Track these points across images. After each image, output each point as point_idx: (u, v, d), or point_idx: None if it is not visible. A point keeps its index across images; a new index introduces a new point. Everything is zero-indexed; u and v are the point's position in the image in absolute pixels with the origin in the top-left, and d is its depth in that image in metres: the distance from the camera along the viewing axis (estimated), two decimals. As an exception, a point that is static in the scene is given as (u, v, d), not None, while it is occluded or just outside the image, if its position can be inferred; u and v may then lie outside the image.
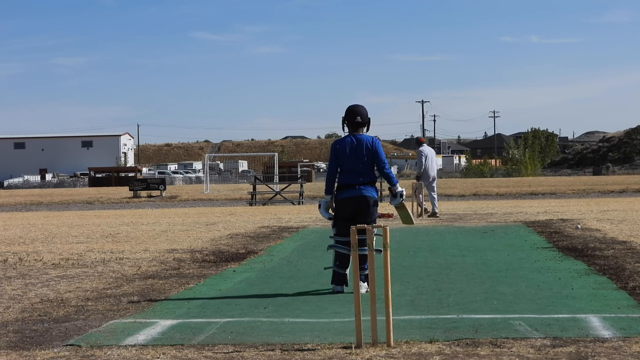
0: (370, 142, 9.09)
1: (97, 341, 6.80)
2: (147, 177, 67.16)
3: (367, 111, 9.22)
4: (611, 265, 10.74)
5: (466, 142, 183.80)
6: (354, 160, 9.06)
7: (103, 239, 16.82)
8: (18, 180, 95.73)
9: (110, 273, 11.25)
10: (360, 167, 9.05)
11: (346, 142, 9.12)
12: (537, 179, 66.47)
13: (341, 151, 9.11)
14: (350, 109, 9.20)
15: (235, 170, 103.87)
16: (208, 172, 56.38)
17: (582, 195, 39.42)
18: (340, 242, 9.06)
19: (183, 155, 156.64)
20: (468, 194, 42.61)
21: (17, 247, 15.45)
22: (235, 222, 21.45)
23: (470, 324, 7.13)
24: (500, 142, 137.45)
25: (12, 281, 10.67)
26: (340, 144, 9.15)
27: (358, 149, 9.06)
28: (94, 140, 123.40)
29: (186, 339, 6.81)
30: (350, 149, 9.08)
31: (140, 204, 41.41)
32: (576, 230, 16.02)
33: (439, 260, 11.97)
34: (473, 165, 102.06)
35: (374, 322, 6.50)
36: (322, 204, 9.20)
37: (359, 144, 9.08)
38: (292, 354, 6.16)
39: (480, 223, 18.98)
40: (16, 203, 45.36)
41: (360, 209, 9.04)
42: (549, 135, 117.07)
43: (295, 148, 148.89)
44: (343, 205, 9.08)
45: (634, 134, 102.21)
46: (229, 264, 12.08)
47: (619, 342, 6.31)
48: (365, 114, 9.18)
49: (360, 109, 9.19)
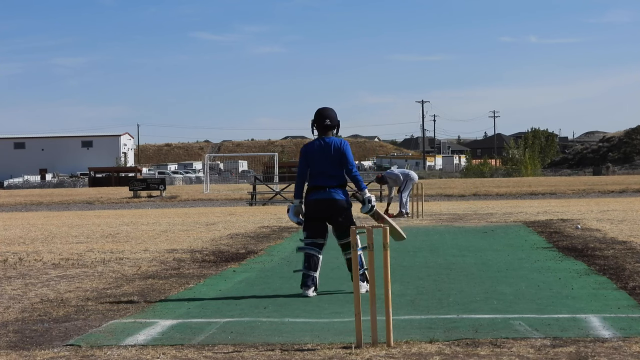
0: (338, 144, 9.08)
1: (97, 341, 6.80)
2: (147, 177, 67.14)
3: (336, 114, 9.22)
4: (611, 265, 10.74)
5: (466, 142, 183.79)
6: (323, 162, 9.04)
7: (103, 239, 16.83)
8: (18, 180, 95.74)
9: (110, 273, 11.25)
10: (330, 170, 9.04)
11: (315, 145, 9.13)
12: (537, 179, 66.47)
13: (310, 154, 9.11)
14: (319, 112, 9.19)
15: (235, 170, 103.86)
16: (208, 172, 56.39)
17: (582, 195, 39.42)
18: (310, 244, 9.08)
19: (183, 155, 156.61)
20: (468, 194, 42.60)
21: (17, 247, 15.45)
22: (235, 222, 21.45)
23: (470, 324, 7.13)
24: (500, 142, 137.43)
25: (12, 281, 10.67)
26: (309, 147, 9.17)
27: (327, 152, 9.05)
28: (94, 140, 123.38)
29: (186, 339, 6.81)
30: (319, 152, 9.07)
31: (140, 204, 41.42)
32: (576, 230, 16.02)
33: (439, 260, 11.97)
34: (473, 165, 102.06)
35: (374, 322, 6.50)
36: (291, 209, 9.24)
37: (327, 146, 9.07)
38: (292, 354, 6.16)
39: (480, 223, 18.98)
40: (16, 203, 45.36)
41: (334, 212, 9.05)
42: (549, 135, 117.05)
43: (295, 148, 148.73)
44: (313, 207, 9.07)
45: (634, 134, 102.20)
46: (229, 264, 12.08)
47: (619, 342, 6.31)
48: (334, 117, 9.18)
49: (329, 112, 9.18)
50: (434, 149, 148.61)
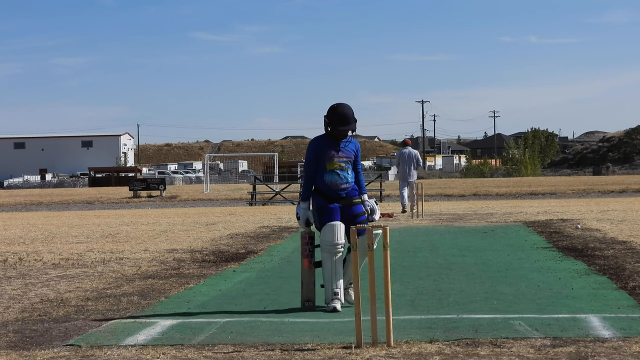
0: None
1: (97, 341, 6.80)
2: (147, 177, 67.16)
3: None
4: (611, 265, 10.74)
5: (466, 142, 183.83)
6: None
7: (103, 239, 16.82)
8: (18, 180, 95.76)
9: (110, 273, 11.25)
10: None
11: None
12: (537, 179, 66.45)
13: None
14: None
15: (235, 170, 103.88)
16: (208, 172, 56.41)
17: (582, 195, 39.42)
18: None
19: (183, 155, 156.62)
20: (468, 194, 42.59)
21: (17, 247, 15.45)
22: (235, 222, 21.45)
23: (470, 324, 7.13)
24: (500, 142, 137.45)
25: (12, 281, 10.67)
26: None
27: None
28: (94, 140, 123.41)
29: (186, 339, 6.81)
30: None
31: (140, 204, 41.42)
32: (576, 230, 16.01)
33: (439, 260, 11.97)
34: (473, 165, 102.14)
35: (374, 322, 6.50)
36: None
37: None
38: (292, 354, 6.16)
39: (480, 223, 18.98)
40: (16, 203, 45.36)
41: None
42: (549, 135, 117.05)
43: (295, 148, 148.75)
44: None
45: (634, 134, 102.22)
46: (229, 264, 12.08)
47: (619, 342, 6.31)
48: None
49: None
50: (434, 149, 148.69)
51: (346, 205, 8.17)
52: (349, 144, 8.25)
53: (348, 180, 8.20)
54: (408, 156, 23.44)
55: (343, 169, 8.17)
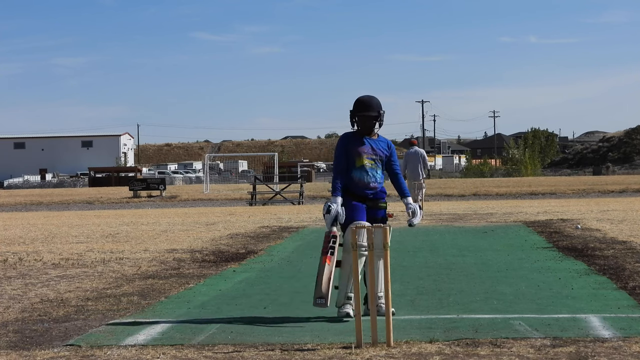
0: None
1: (97, 341, 6.80)
2: (147, 177, 67.12)
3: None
4: (611, 265, 10.74)
5: (466, 142, 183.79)
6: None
7: (103, 239, 16.83)
8: (18, 180, 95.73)
9: (110, 273, 11.25)
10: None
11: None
12: (537, 179, 66.45)
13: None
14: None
15: (235, 170, 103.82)
16: (208, 172, 56.37)
17: (582, 195, 39.42)
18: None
19: (183, 155, 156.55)
20: (468, 194, 42.59)
21: (17, 247, 15.45)
22: (235, 222, 21.45)
23: (470, 324, 7.14)
24: (500, 142, 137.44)
25: (12, 281, 10.67)
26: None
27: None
28: (94, 140, 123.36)
29: (186, 339, 6.81)
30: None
31: (140, 204, 41.42)
32: (576, 230, 16.02)
33: (439, 260, 11.97)
34: (473, 165, 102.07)
35: (374, 322, 6.50)
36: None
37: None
38: (292, 354, 6.16)
39: (480, 223, 18.98)
40: (16, 203, 45.36)
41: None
42: (549, 135, 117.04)
43: (295, 148, 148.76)
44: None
45: (634, 134, 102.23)
46: (229, 264, 12.08)
47: (619, 342, 6.31)
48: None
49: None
50: (434, 149, 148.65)
51: (370, 207, 7.85)
52: (380, 143, 7.95)
53: (377, 180, 7.82)
54: (415, 155, 23.27)
55: (372, 167, 7.84)
